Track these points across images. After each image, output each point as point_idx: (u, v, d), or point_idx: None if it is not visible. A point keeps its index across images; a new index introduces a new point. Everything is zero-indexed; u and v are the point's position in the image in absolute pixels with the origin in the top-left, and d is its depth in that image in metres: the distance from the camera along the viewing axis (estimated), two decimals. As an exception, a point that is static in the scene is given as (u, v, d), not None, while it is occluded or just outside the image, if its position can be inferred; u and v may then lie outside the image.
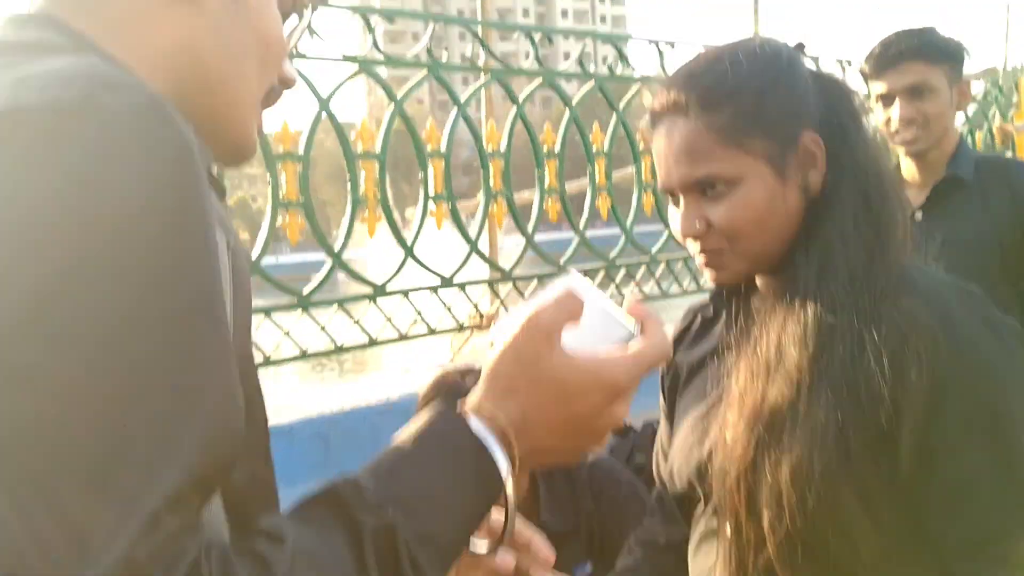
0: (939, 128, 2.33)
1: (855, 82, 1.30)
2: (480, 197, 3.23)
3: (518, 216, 3.34)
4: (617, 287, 3.54)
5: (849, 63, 4.16)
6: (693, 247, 1.19)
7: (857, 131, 1.19)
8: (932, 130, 2.32)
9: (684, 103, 1.16)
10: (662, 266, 3.71)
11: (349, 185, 2.85)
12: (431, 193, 3.03)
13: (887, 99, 2.34)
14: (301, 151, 2.71)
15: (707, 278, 1.25)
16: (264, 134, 2.51)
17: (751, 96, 1.15)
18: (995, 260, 2.28)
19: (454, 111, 3.14)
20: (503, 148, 3.22)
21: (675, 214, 1.21)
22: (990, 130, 5.13)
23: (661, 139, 1.19)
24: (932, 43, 2.34)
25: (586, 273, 3.23)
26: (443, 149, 3.05)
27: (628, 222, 3.62)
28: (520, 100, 3.34)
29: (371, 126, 3.03)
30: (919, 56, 2.30)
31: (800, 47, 1.25)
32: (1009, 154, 5.31)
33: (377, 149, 2.89)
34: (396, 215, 3.07)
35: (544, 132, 3.41)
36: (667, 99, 1.18)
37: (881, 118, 2.36)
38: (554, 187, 3.36)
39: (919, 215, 2.32)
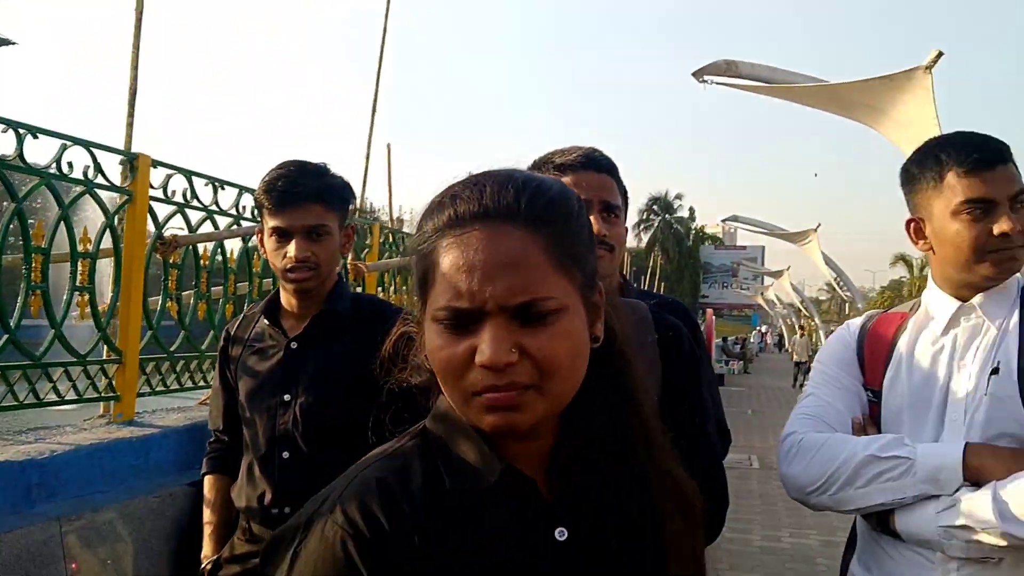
0: (331, 267, 2.46)
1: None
2: None
3: None
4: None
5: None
6: (485, 380, 0.98)
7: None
8: (323, 270, 2.42)
9: (514, 208, 1.00)
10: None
11: None
12: None
13: (284, 235, 2.38)
14: None
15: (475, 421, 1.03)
16: None
17: (574, 220, 1.05)
18: (361, 389, 2.16)
19: None
20: None
21: (451, 340, 1.00)
22: (344, 266, 5.52)
23: (470, 246, 0.98)
24: (330, 187, 2.43)
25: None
26: None
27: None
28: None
29: None
30: (318, 199, 2.37)
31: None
32: (359, 289, 5.96)
33: None
34: None
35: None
36: (488, 199, 1.00)
37: (276, 252, 2.40)
38: None
39: (294, 344, 2.43)
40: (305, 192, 2.37)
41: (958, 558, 1.74)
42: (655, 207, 78.23)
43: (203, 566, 2.50)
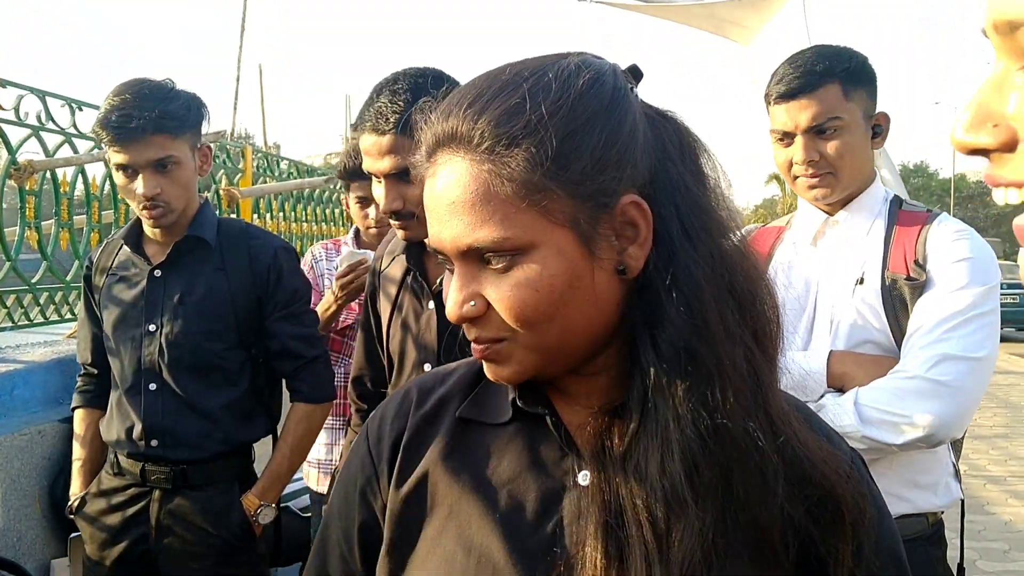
0: (185, 199, 2.30)
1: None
2: None
3: None
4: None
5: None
6: (467, 332, 0.90)
7: (703, 193, 0.91)
8: (175, 205, 2.27)
9: (465, 135, 0.85)
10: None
11: None
12: None
13: (129, 171, 2.22)
14: None
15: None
16: None
17: (555, 138, 0.83)
18: (229, 321, 2.33)
19: None
20: None
21: (448, 280, 0.91)
22: (217, 192, 5.38)
23: (432, 183, 0.88)
24: (172, 113, 2.23)
25: None
26: None
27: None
28: None
29: None
30: (160, 129, 2.20)
31: (634, 72, 0.94)
32: (234, 215, 5.78)
33: None
34: None
35: None
36: (442, 129, 0.87)
37: (125, 188, 2.25)
38: None
39: (158, 272, 2.34)
40: (145, 124, 2.19)
41: None
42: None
43: (70, 503, 2.42)
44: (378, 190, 1.90)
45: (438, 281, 1.93)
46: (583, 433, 0.91)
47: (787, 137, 1.95)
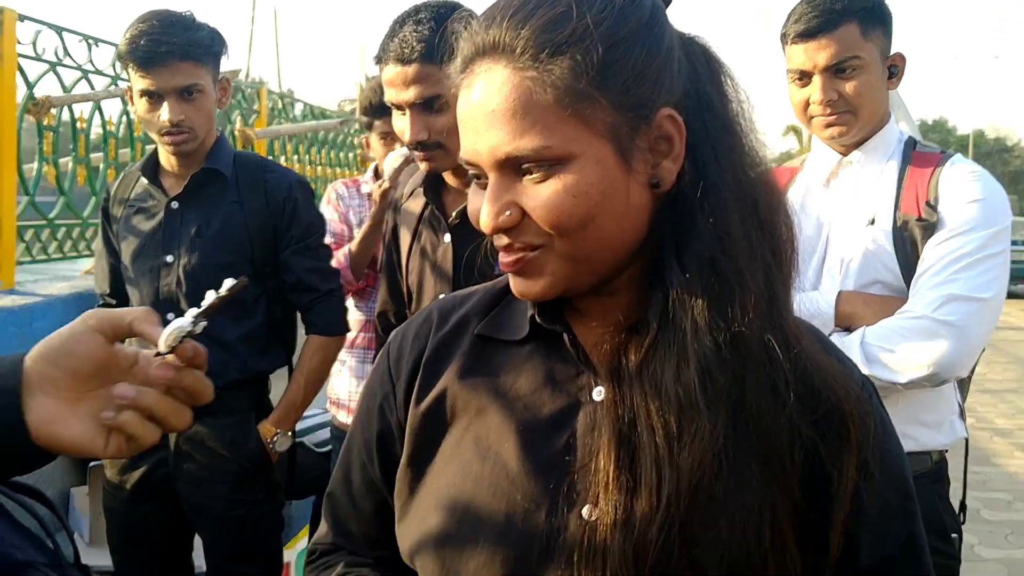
0: (207, 128, 2.34)
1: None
2: None
3: None
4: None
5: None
6: (498, 241, 0.91)
7: (730, 115, 0.93)
8: (198, 132, 2.31)
9: (508, 45, 0.85)
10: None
11: None
12: None
13: (154, 97, 2.25)
14: None
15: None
16: None
17: (601, 47, 0.84)
18: (245, 254, 2.36)
19: None
20: None
21: (476, 194, 0.92)
22: (232, 133, 5.37)
23: (468, 94, 0.88)
24: (198, 41, 2.26)
25: None
26: None
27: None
28: None
29: None
30: (187, 56, 2.23)
31: None
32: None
33: None
34: None
35: None
36: (483, 39, 0.87)
37: (148, 115, 2.28)
38: None
39: (175, 204, 2.36)
40: (172, 49, 2.22)
41: None
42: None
43: None
44: (401, 122, 1.91)
45: (454, 214, 1.96)
46: (599, 351, 0.93)
47: (805, 77, 1.94)
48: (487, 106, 0.86)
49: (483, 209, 0.88)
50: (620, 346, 0.91)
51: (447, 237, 1.96)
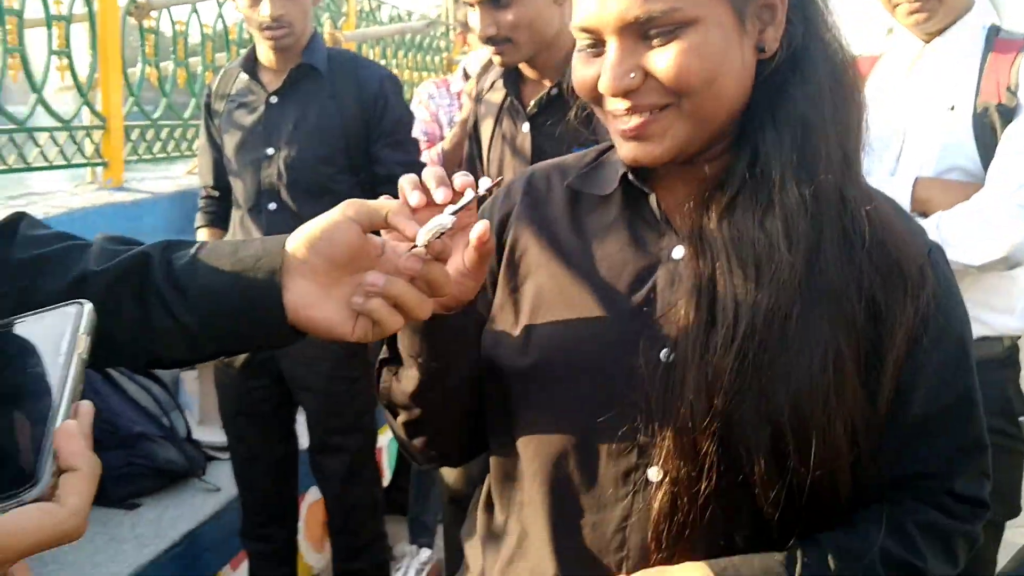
0: (305, 23, 2.47)
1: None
2: None
3: None
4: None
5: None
6: (617, 106, 0.95)
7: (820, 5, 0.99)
8: (297, 27, 2.42)
9: None
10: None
11: None
12: None
13: None
14: None
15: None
16: None
17: None
18: (340, 147, 2.49)
19: None
20: None
21: (588, 63, 0.96)
22: (321, 36, 5.53)
23: None
24: None
25: None
26: None
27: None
28: None
29: None
30: None
31: None
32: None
33: None
34: None
35: None
36: None
37: (250, 10, 2.39)
38: None
39: (274, 99, 2.49)
40: None
41: None
42: None
43: None
44: (473, 17, 1.98)
45: (532, 103, 2.03)
46: (681, 211, 1.00)
47: None
48: None
49: (606, 72, 0.92)
50: (702, 206, 0.98)
51: (525, 126, 2.04)
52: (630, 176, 1.03)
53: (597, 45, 0.94)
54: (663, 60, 0.90)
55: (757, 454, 0.90)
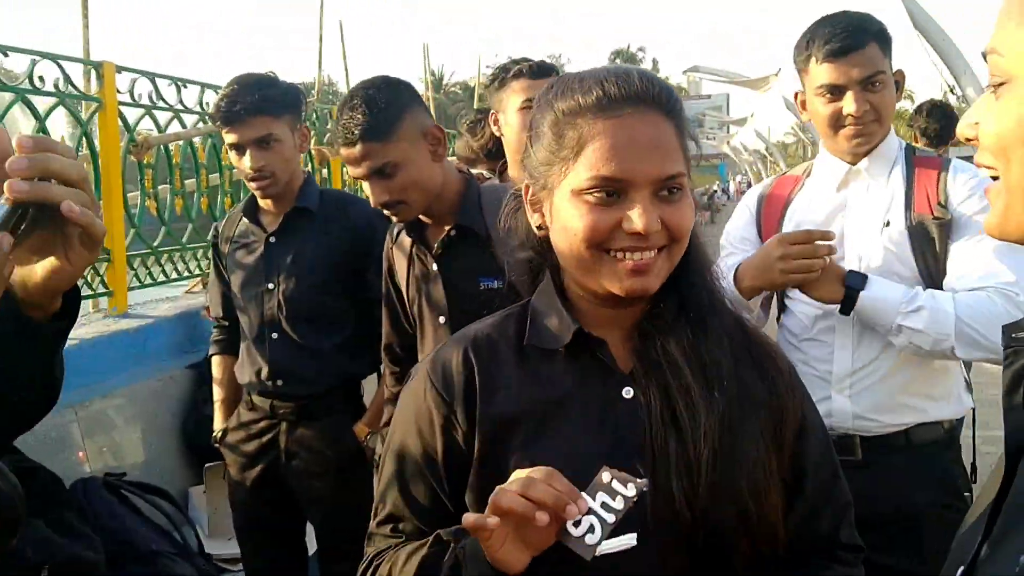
0: (288, 172, 2.67)
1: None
2: None
3: None
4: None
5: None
6: (629, 243, 1.14)
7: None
8: (279, 176, 2.63)
9: (657, 97, 1.15)
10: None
11: None
12: None
13: (238, 149, 2.60)
14: None
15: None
16: None
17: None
18: (333, 274, 2.71)
19: None
20: None
21: (604, 210, 1.14)
22: (309, 152, 5.63)
23: (621, 128, 1.13)
24: (271, 98, 2.61)
25: None
26: None
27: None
28: None
29: None
30: (260, 111, 2.56)
31: None
32: (325, 172, 6.18)
33: None
34: None
35: None
36: (635, 88, 1.14)
37: (237, 164, 2.65)
38: None
39: (273, 239, 2.73)
40: (247, 107, 2.57)
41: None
42: (618, 61, 77.15)
43: (214, 434, 2.88)
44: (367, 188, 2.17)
45: (436, 243, 2.23)
46: (623, 352, 1.22)
47: (836, 92, 2.09)
48: (654, 138, 1.13)
49: (642, 217, 1.11)
50: (638, 346, 1.21)
51: (434, 266, 2.23)
52: (586, 330, 1.21)
53: (616, 195, 1.14)
54: (676, 213, 1.14)
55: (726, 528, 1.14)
